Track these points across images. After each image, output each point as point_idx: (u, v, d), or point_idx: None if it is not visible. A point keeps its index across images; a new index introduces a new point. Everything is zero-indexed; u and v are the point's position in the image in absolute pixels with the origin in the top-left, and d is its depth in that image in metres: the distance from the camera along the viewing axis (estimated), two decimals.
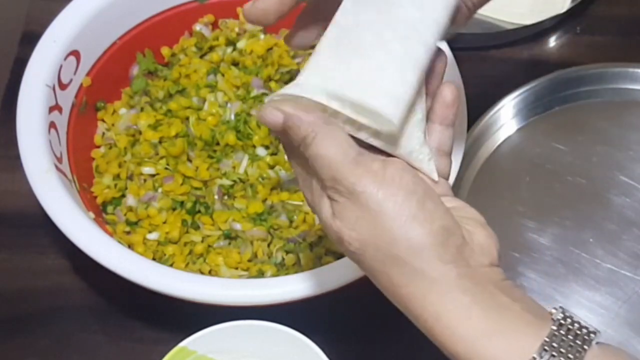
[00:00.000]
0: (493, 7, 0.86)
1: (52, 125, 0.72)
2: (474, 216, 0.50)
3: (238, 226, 0.73)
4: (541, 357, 0.45)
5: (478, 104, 0.76)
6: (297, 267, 0.71)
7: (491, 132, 0.79)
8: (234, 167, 0.76)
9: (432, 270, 0.46)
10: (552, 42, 0.87)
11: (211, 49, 0.82)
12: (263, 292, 0.64)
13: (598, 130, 0.79)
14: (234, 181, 0.75)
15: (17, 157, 0.70)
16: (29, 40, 0.78)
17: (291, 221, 0.74)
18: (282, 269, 0.72)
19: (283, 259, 0.72)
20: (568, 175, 0.76)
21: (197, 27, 0.82)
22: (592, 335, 0.46)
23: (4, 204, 0.79)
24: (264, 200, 0.74)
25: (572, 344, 0.45)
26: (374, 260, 0.47)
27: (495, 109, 0.79)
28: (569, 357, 0.45)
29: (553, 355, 0.45)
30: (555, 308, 0.47)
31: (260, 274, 0.71)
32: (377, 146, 0.49)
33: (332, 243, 0.72)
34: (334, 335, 0.70)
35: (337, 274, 0.65)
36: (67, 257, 0.75)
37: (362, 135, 0.48)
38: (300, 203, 0.74)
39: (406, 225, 0.46)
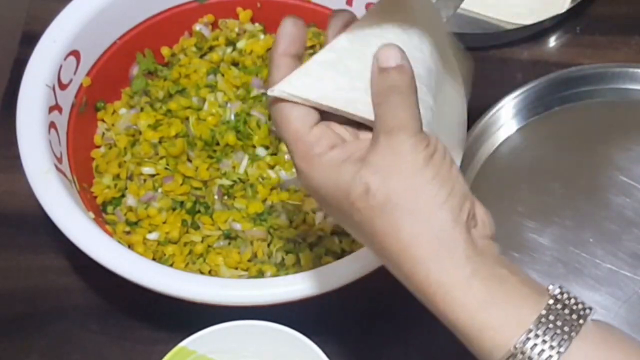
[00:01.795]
0: (493, 7, 0.87)
1: (52, 125, 0.72)
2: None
3: (238, 226, 0.73)
4: (537, 329, 0.46)
5: (478, 104, 0.76)
6: (297, 267, 0.71)
7: (491, 132, 0.79)
8: (234, 167, 0.76)
9: (445, 233, 0.47)
10: (552, 42, 0.87)
11: (211, 49, 0.82)
12: (263, 292, 0.64)
13: (598, 130, 0.79)
14: (234, 181, 0.75)
15: (17, 157, 0.70)
16: (29, 40, 0.78)
17: (291, 221, 0.74)
18: (282, 269, 0.72)
19: (283, 259, 0.72)
20: (568, 175, 0.76)
21: (197, 27, 0.82)
22: (587, 311, 0.47)
23: (4, 204, 0.79)
24: (264, 200, 0.74)
25: (567, 317, 0.46)
26: (389, 217, 0.48)
27: (495, 109, 0.79)
28: (564, 330, 0.45)
29: (549, 328, 0.46)
30: (552, 284, 0.48)
31: (260, 274, 0.71)
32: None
33: (332, 243, 0.72)
34: (334, 335, 0.70)
35: (337, 274, 0.65)
36: (67, 257, 0.75)
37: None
38: (300, 203, 0.74)
39: (434, 183, 0.48)
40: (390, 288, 0.72)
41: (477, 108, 0.77)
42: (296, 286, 0.64)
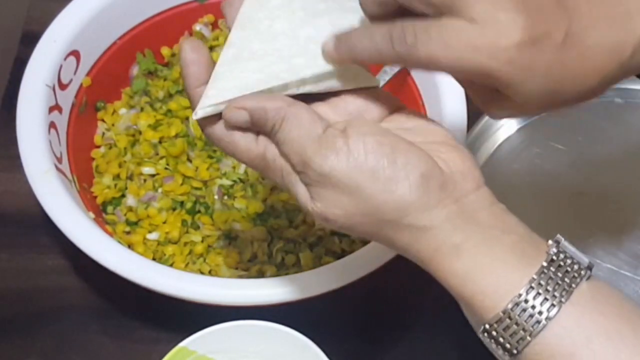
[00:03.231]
0: None
1: (52, 125, 0.72)
2: (443, 137, 0.50)
3: (238, 226, 0.73)
4: (527, 294, 0.45)
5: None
6: (297, 267, 0.71)
7: (491, 132, 0.79)
8: (234, 167, 0.76)
9: (420, 220, 0.47)
10: None
11: (211, 49, 0.82)
12: (263, 292, 0.64)
13: (598, 130, 0.79)
14: (234, 181, 0.75)
15: (17, 157, 0.70)
16: (29, 40, 0.78)
17: (291, 221, 0.74)
18: (282, 269, 0.72)
19: (283, 259, 0.72)
20: (568, 176, 0.76)
21: (197, 27, 0.82)
22: (582, 272, 0.47)
23: (4, 204, 0.79)
24: (264, 200, 0.74)
25: (559, 282, 0.46)
26: (365, 226, 0.48)
27: None
28: (554, 295, 0.45)
29: (539, 293, 0.45)
30: (551, 241, 0.48)
31: (260, 274, 0.71)
32: (320, 92, 0.50)
33: (332, 243, 0.72)
34: (334, 335, 0.70)
35: (337, 274, 0.65)
36: (67, 257, 0.75)
37: (301, 90, 0.50)
38: None
39: (384, 189, 0.47)
40: (390, 288, 0.72)
41: (477, 108, 0.77)
42: (296, 286, 0.64)
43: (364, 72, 0.52)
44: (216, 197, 0.75)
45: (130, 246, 0.72)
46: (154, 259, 0.71)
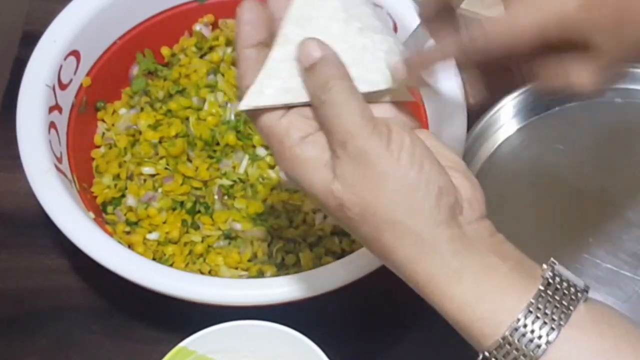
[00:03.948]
0: (493, 7, 0.86)
1: (52, 125, 0.72)
2: (455, 164, 0.50)
3: (238, 226, 0.73)
4: (526, 319, 0.45)
5: (478, 104, 0.76)
6: (297, 267, 0.71)
7: (491, 132, 0.79)
8: (234, 167, 0.76)
9: (426, 233, 0.47)
10: None
11: (211, 49, 0.82)
12: (263, 292, 0.64)
13: (598, 130, 0.79)
14: (234, 181, 0.75)
15: (17, 157, 0.70)
16: (29, 40, 0.78)
17: (291, 221, 0.74)
18: (282, 269, 0.72)
19: (283, 259, 0.72)
20: (568, 175, 0.76)
21: (197, 27, 0.82)
22: (579, 294, 0.47)
23: (4, 204, 0.79)
24: (264, 200, 0.74)
25: (557, 305, 0.46)
26: (370, 226, 0.48)
27: (495, 109, 0.79)
28: (553, 319, 0.45)
29: (537, 317, 0.45)
30: (546, 264, 0.48)
31: (260, 274, 0.71)
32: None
33: (332, 243, 0.72)
34: (334, 335, 0.70)
35: (337, 274, 0.65)
36: (67, 257, 0.75)
37: None
38: (300, 203, 0.74)
39: (407, 189, 0.46)
40: (390, 288, 0.72)
41: (477, 108, 0.77)
42: (296, 286, 0.64)
43: (403, 87, 0.52)
44: (216, 197, 0.75)
45: (130, 246, 0.72)
46: (154, 259, 0.71)
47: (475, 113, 0.77)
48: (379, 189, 0.47)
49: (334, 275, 0.65)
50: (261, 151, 0.77)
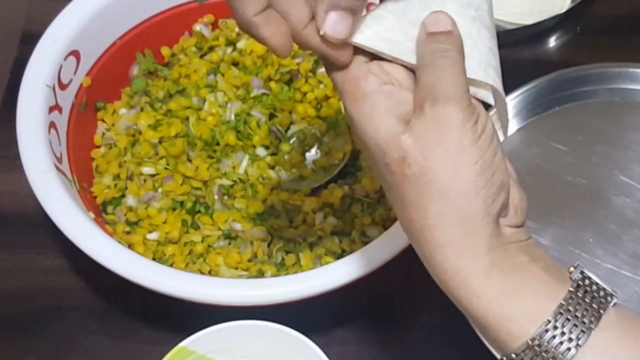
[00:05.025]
0: (493, 7, 0.86)
1: (52, 125, 0.72)
2: (511, 172, 0.50)
3: (238, 226, 0.73)
4: (556, 321, 0.44)
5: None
6: (297, 267, 0.71)
7: None
8: (234, 167, 0.76)
9: (474, 219, 0.45)
10: (552, 42, 0.87)
11: (211, 49, 0.82)
12: (263, 292, 0.64)
13: (598, 130, 0.79)
14: (234, 181, 0.75)
15: (17, 157, 0.70)
16: (29, 40, 0.78)
17: (291, 221, 0.74)
18: (282, 269, 0.72)
19: (283, 259, 0.72)
20: (568, 175, 0.76)
21: (197, 27, 0.82)
22: (609, 298, 0.46)
23: (4, 204, 0.79)
24: (264, 200, 0.74)
25: (587, 308, 0.45)
26: (420, 191, 0.46)
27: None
28: (583, 322, 0.44)
29: (568, 319, 0.44)
30: (574, 266, 0.47)
31: (260, 274, 0.71)
32: None
33: (332, 243, 0.72)
34: (334, 335, 0.70)
35: (337, 274, 0.65)
36: (67, 257, 0.75)
37: None
38: (300, 203, 0.74)
39: (475, 170, 0.45)
40: (390, 288, 0.72)
41: None
42: (296, 286, 0.64)
43: (486, 86, 0.51)
44: (216, 197, 0.75)
45: (130, 246, 0.72)
46: (154, 259, 0.71)
47: None
48: (449, 159, 0.45)
49: (334, 275, 0.64)
50: (261, 151, 0.77)
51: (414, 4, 0.49)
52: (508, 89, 0.79)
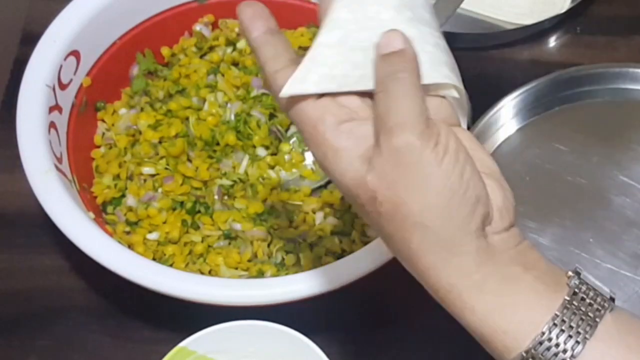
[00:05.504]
0: (493, 7, 0.87)
1: (52, 125, 0.72)
2: (491, 170, 0.49)
3: (238, 226, 0.73)
4: (550, 332, 0.44)
5: (478, 104, 0.76)
6: (297, 267, 0.71)
7: (491, 132, 0.79)
8: (234, 167, 0.76)
9: (456, 241, 0.45)
10: (552, 42, 0.87)
11: (211, 49, 0.82)
12: (263, 292, 0.64)
13: (598, 130, 0.79)
14: (234, 181, 0.75)
15: (17, 157, 0.70)
16: (29, 40, 0.78)
17: (291, 221, 0.74)
18: (282, 269, 0.72)
19: (283, 259, 0.72)
20: (568, 175, 0.76)
21: (197, 27, 0.82)
22: (605, 304, 0.45)
23: (4, 204, 0.79)
24: (264, 200, 0.74)
25: (583, 317, 0.45)
26: (398, 225, 0.46)
27: (495, 109, 0.79)
28: (579, 332, 0.44)
29: (562, 330, 0.44)
30: (572, 272, 0.47)
31: (260, 274, 0.71)
32: None
33: (332, 243, 0.72)
34: (334, 335, 0.70)
35: (337, 274, 0.65)
36: (67, 257, 0.75)
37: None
38: (300, 203, 0.74)
39: (445, 194, 0.45)
40: (390, 288, 0.72)
41: (477, 108, 0.77)
42: (296, 286, 0.64)
43: (447, 83, 0.50)
44: (216, 197, 0.75)
45: (130, 246, 0.72)
46: (154, 259, 0.71)
47: (476, 113, 0.77)
48: (417, 190, 0.45)
49: (334, 275, 0.64)
50: (261, 151, 0.77)
51: (349, 28, 0.48)
52: (508, 89, 0.80)
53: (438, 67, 0.49)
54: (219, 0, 0.82)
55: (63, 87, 0.75)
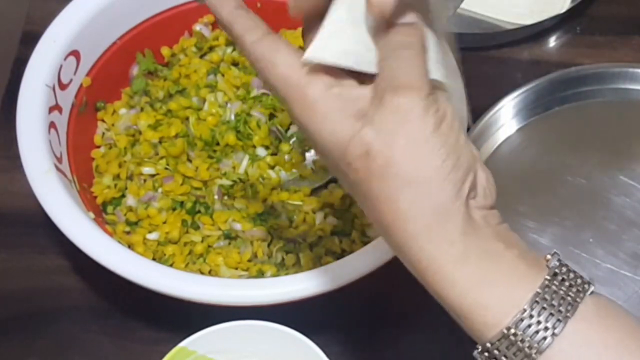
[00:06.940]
0: (493, 7, 0.87)
1: (52, 125, 0.72)
2: (474, 153, 0.49)
3: (238, 226, 0.73)
4: (532, 309, 0.44)
5: (478, 104, 0.76)
6: (297, 267, 0.71)
7: (491, 132, 0.79)
8: (234, 167, 0.76)
9: (447, 204, 0.45)
10: (552, 42, 0.87)
11: (211, 49, 0.82)
12: (263, 292, 0.64)
13: (598, 130, 0.79)
14: (234, 181, 0.75)
15: (17, 157, 0.70)
16: (29, 40, 0.78)
17: (291, 221, 0.74)
18: (282, 269, 0.72)
19: (283, 259, 0.72)
20: (568, 175, 0.76)
21: (197, 27, 0.82)
22: (586, 286, 0.46)
23: (4, 204, 0.79)
24: (264, 200, 0.74)
25: (564, 296, 0.45)
26: (387, 184, 0.45)
27: (495, 109, 0.79)
28: (560, 311, 0.44)
29: (544, 308, 0.44)
30: (550, 254, 0.47)
31: (260, 274, 0.71)
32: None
33: (332, 243, 0.72)
34: (334, 335, 0.70)
35: (337, 274, 0.65)
36: (67, 257, 0.75)
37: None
38: (300, 203, 0.74)
39: (440, 153, 0.45)
40: (390, 288, 0.72)
41: (477, 108, 0.77)
42: (296, 286, 0.64)
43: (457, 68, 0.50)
44: (216, 197, 0.75)
45: (130, 246, 0.72)
46: (154, 259, 0.71)
47: (476, 113, 0.77)
48: (413, 148, 0.45)
49: (334, 275, 0.64)
50: (261, 151, 0.77)
51: (360, 8, 0.48)
52: (508, 89, 0.80)
53: (434, 64, 0.49)
54: None
55: (63, 87, 0.75)
